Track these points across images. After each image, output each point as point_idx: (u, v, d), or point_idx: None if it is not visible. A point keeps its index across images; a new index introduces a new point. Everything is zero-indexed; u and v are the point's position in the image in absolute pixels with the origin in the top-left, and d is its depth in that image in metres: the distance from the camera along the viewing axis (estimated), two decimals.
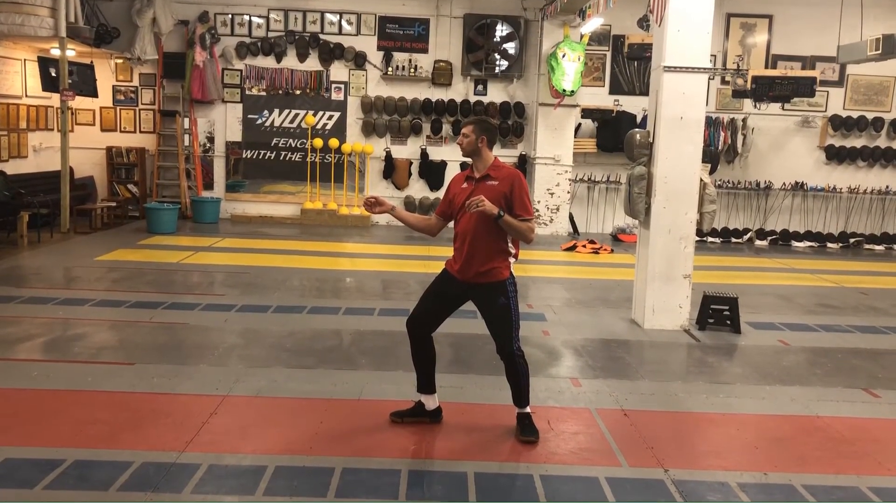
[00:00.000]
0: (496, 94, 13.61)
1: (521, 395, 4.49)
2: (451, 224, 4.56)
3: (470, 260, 4.33)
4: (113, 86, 13.56)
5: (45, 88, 11.72)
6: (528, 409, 4.50)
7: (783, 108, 13.34)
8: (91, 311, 6.92)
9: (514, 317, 4.38)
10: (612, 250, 11.85)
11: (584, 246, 11.82)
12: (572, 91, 12.42)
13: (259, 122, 13.51)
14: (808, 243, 13.62)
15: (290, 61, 13.45)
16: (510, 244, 4.39)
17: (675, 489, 3.86)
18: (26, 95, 12.23)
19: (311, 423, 4.53)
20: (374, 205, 4.45)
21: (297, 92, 13.48)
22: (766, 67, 13.27)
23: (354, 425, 4.54)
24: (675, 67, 6.90)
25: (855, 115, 13.69)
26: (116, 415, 4.51)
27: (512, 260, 4.42)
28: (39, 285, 7.99)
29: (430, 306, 4.52)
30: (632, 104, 13.42)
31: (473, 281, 4.36)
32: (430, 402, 4.60)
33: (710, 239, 13.37)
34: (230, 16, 13.29)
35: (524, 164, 13.51)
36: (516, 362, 4.40)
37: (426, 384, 4.59)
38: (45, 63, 11.52)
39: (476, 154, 4.40)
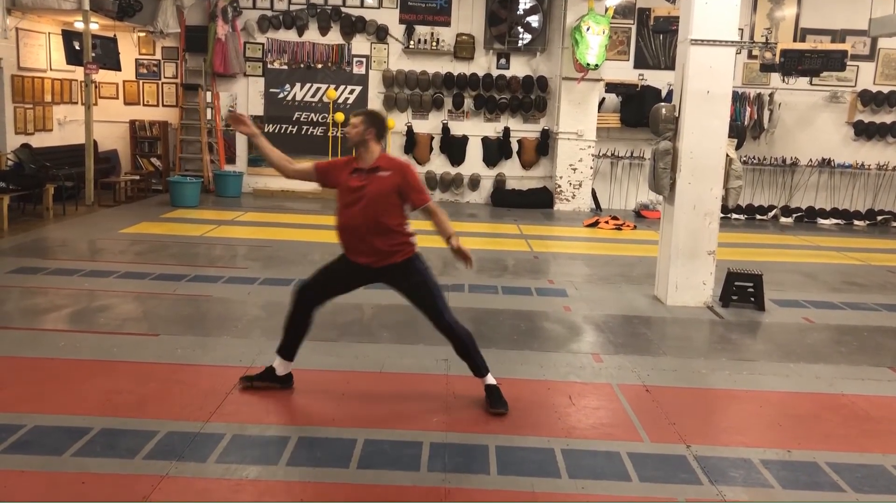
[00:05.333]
0: (519, 67, 13.47)
1: (475, 363, 4.48)
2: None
3: (375, 250, 4.28)
4: (136, 59, 13.60)
5: (69, 62, 11.77)
6: (492, 381, 4.48)
7: (811, 83, 13.07)
8: (116, 283, 7.00)
9: (434, 289, 4.39)
10: (635, 226, 11.76)
11: (607, 222, 11.74)
12: (596, 65, 12.26)
13: (281, 95, 13.50)
14: (835, 220, 13.42)
15: (312, 35, 13.39)
16: (406, 226, 4.34)
17: (698, 465, 3.85)
18: (51, 69, 12.29)
19: (334, 394, 4.57)
20: (238, 121, 4.43)
21: (319, 66, 13.43)
22: (795, 41, 13.01)
23: (376, 397, 4.57)
24: (702, 41, 6.78)
25: (885, 90, 13.41)
26: (142, 385, 4.57)
27: (413, 238, 4.38)
28: (65, 257, 8.09)
29: (330, 284, 4.51)
30: (657, 78, 13.22)
31: (384, 264, 4.32)
32: (283, 368, 4.57)
33: (734, 215, 13.23)
34: None
35: (547, 138, 13.41)
36: (455, 331, 4.40)
37: (288, 351, 4.56)
38: (69, 36, 11.56)
39: (363, 145, 4.32)
